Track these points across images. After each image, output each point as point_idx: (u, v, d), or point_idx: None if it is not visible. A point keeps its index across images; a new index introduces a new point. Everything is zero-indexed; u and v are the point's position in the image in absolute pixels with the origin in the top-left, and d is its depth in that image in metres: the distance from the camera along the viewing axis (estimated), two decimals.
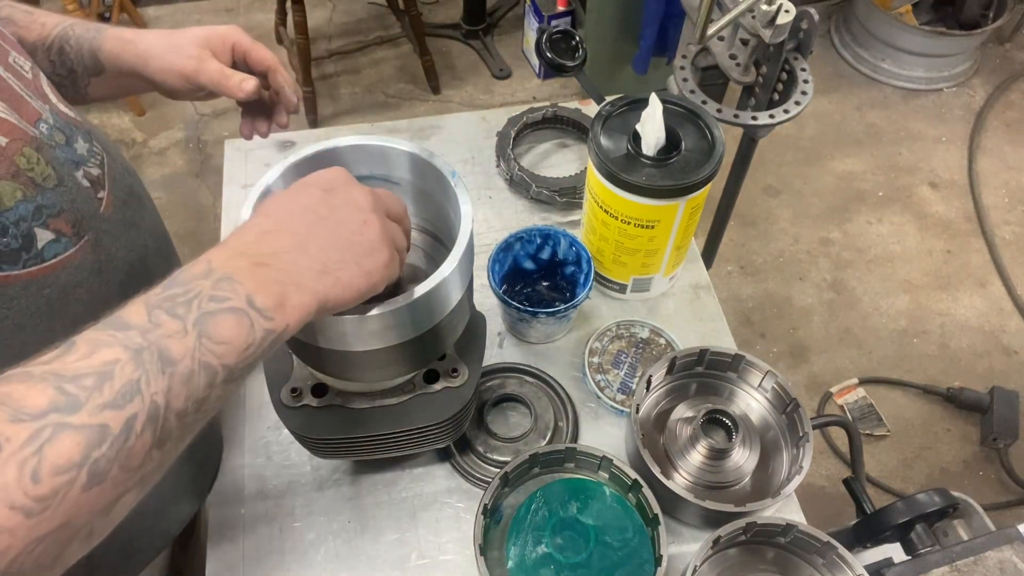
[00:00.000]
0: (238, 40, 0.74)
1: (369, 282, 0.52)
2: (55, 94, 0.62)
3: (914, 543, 0.84)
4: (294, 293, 0.48)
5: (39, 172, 0.55)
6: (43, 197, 0.55)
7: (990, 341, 2.20)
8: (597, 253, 0.95)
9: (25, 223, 0.53)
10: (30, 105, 0.57)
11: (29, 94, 0.58)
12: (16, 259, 0.54)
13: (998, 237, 2.43)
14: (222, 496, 0.84)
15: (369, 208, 0.53)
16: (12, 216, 0.52)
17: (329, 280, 0.50)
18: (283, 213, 0.52)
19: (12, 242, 0.52)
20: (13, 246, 0.53)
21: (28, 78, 0.59)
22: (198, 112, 2.69)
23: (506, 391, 0.90)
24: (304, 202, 0.52)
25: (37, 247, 0.55)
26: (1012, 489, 1.93)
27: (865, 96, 2.84)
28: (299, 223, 0.51)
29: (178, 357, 0.43)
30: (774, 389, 0.85)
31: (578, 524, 0.76)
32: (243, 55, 0.75)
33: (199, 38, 0.73)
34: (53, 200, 0.56)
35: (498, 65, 2.89)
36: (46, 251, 0.55)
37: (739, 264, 2.35)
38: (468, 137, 1.19)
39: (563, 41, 1.03)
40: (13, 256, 0.53)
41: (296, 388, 0.71)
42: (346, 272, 0.51)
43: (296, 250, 0.50)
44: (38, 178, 0.55)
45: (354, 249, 0.51)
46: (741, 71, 1.32)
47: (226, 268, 0.47)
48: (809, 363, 2.15)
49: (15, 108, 0.55)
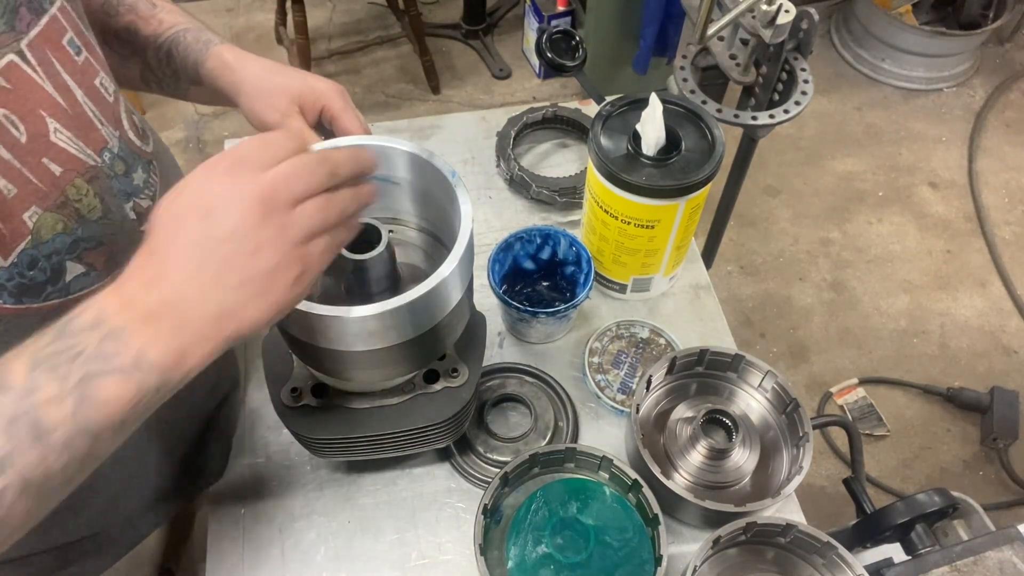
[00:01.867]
0: (329, 104, 0.71)
1: (279, 308, 0.47)
2: (129, 120, 0.62)
3: (914, 543, 0.84)
4: (193, 345, 0.44)
5: (86, 203, 0.55)
6: (84, 229, 0.55)
7: (990, 341, 2.20)
8: (597, 253, 0.95)
9: (58, 256, 0.53)
10: (99, 132, 0.57)
11: (102, 120, 0.58)
12: (40, 292, 0.53)
13: (998, 237, 2.43)
14: (222, 496, 0.84)
15: (255, 228, 0.45)
16: (47, 249, 0.53)
17: (231, 324, 0.45)
18: (168, 250, 0.45)
19: (39, 275, 0.52)
20: (39, 279, 0.52)
21: (109, 102, 0.59)
22: (198, 112, 2.69)
23: (506, 391, 0.90)
24: (185, 236, 0.45)
25: (65, 280, 0.55)
26: (1012, 489, 1.93)
27: (865, 96, 2.84)
28: (184, 264, 0.44)
29: (53, 426, 0.40)
30: (774, 389, 0.85)
31: (578, 524, 0.76)
32: (330, 120, 0.72)
33: (293, 92, 0.71)
34: (94, 232, 0.56)
35: (498, 65, 2.89)
36: (73, 284, 0.55)
37: (739, 264, 2.35)
38: (468, 137, 1.19)
39: (563, 41, 1.03)
40: (38, 289, 0.53)
41: (296, 388, 0.71)
42: (248, 310, 0.45)
43: (188, 298, 0.44)
44: (84, 209, 0.55)
45: (250, 285, 0.45)
46: (741, 71, 1.32)
47: (116, 321, 0.43)
48: (809, 363, 2.15)
49: (82, 136, 0.55)
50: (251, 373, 0.93)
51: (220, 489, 0.84)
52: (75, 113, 0.55)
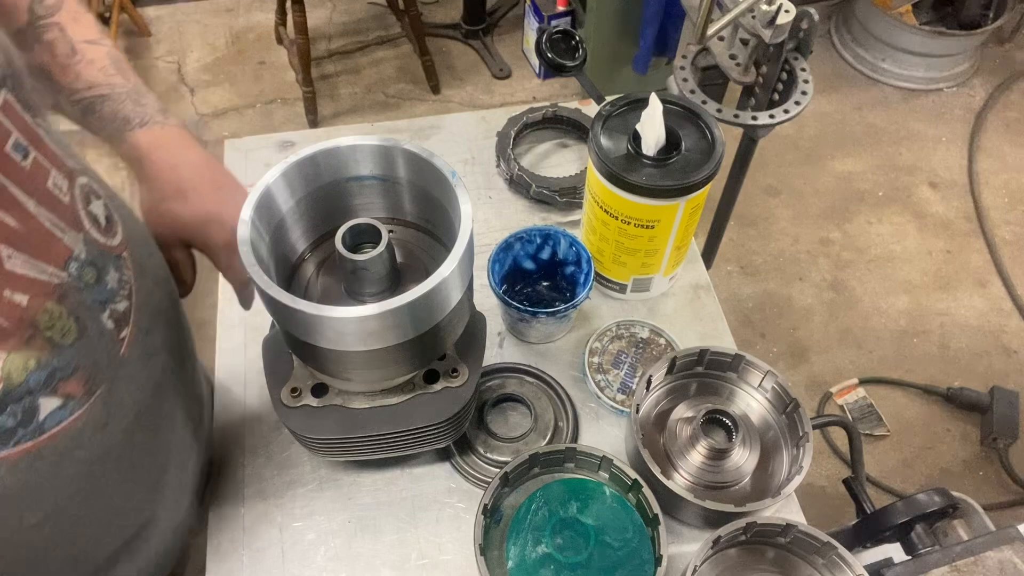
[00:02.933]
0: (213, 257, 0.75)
1: None
2: (90, 219, 0.54)
3: (914, 543, 0.84)
4: None
5: (59, 328, 0.48)
6: (59, 359, 0.48)
7: (990, 341, 2.20)
8: (597, 253, 0.95)
9: (31, 396, 0.47)
10: (60, 243, 0.49)
11: (62, 227, 0.50)
12: (8, 438, 0.46)
13: (998, 237, 2.43)
14: (222, 496, 0.84)
15: None
16: (21, 391, 0.46)
17: None
18: None
19: (8, 420, 0.45)
20: (8, 425, 0.45)
21: (65, 203, 0.51)
22: (198, 112, 2.69)
23: (506, 391, 0.90)
24: None
25: (38, 419, 0.48)
26: (1012, 489, 1.93)
27: (865, 96, 2.84)
28: None
29: None
30: (774, 389, 0.85)
31: (578, 524, 0.76)
32: None
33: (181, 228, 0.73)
34: (70, 359, 0.49)
35: (498, 65, 2.89)
36: (47, 421, 0.48)
37: (739, 264, 2.35)
38: (468, 137, 1.19)
39: (563, 41, 1.03)
40: (6, 436, 0.46)
41: (296, 388, 0.71)
42: None
43: None
44: (57, 336, 0.48)
45: None
46: (741, 71, 1.32)
47: None
48: (809, 363, 2.15)
49: (42, 255, 0.47)
50: (251, 373, 0.93)
51: (220, 489, 0.84)
52: (28, 230, 0.46)
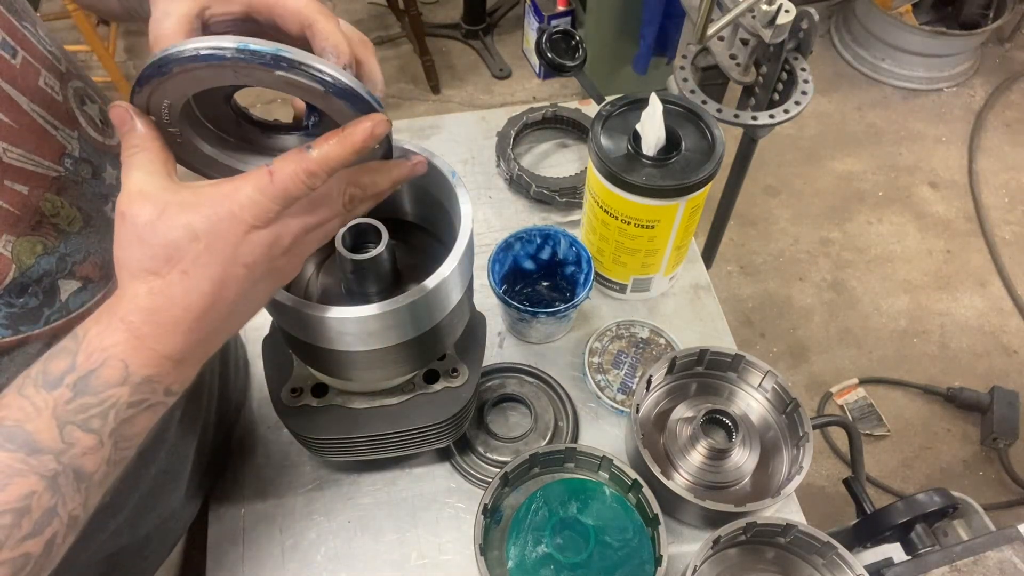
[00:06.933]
0: None
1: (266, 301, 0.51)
2: (85, 115, 0.56)
3: (914, 543, 0.84)
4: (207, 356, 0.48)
5: (64, 216, 0.51)
6: (67, 245, 0.52)
7: (990, 341, 2.20)
8: (597, 253, 0.95)
9: (49, 278, 0.50)
10: (54, 139, 0.52)
11: (55, 124, 0.53)
12: (37, 317, 0.50)
13: (998, 237, 2.43)
14: (222, 496, 0.84)
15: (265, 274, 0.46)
16: (35, 273, 0.49)
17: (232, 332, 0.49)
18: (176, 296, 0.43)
19: (31, 300, 0.49)
20: (32, 304, 0.49)
21: (58, 100, 0.53)
22: None
23: (506, 391, 0.90)
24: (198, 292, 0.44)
25: (61, 299, 0.51)
26: (1012, 489, 1.93)
27: (865, 96, 2.84)
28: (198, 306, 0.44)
29: (93, 469, 0.42)
30: (774, 389, 0.85)
31: (578, 524, 0.76)
32: None
33: None
34: (79, 245, 0.53)
35: (498, 65, 2.89)
36: (71, 302, 0.52)
37: (739, 264, 2.35)
38: (468, 137, 1.19)
39: (563, 41, 1.03)
40: (33, 315, 0.50)
41: (296, 388, 0.71)
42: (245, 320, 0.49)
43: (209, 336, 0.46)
44: (63, 223, 0.51)
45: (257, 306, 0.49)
46: (741, 71, 1.32)
47: (145, 371, 0.43)
48: (809, 363, 2.15)
49: (37, 149, 0.50)
50: (251, 373, 0.93)
51: (220, 489, 0.84)
52: (22, 125, 0.49)
